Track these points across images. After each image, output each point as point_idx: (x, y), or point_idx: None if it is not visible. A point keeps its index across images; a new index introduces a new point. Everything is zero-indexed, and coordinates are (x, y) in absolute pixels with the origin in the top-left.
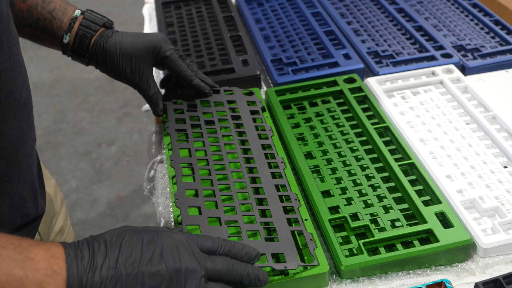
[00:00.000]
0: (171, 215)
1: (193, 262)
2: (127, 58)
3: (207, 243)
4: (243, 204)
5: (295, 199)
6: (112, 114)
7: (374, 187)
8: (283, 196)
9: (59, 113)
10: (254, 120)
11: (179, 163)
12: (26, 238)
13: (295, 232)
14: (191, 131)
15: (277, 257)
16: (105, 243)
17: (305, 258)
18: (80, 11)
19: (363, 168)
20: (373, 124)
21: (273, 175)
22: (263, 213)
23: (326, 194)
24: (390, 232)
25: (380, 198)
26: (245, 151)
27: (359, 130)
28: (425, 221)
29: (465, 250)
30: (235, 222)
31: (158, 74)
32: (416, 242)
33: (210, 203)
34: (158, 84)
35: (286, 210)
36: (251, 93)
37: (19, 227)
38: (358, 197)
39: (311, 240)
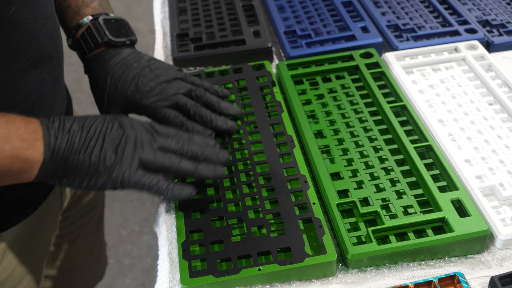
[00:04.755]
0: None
1: (148, 132)
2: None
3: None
4: (248, 196)
5: (305, 182)
6: None
7: (387, 170)
8: (291, 179)
9: (74, 82)
10: (264, 97)
11: None
12: None
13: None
14: None
15: (283, 248)
16: (74, 117)
17: (314, 244)
18: (90, 18)
19: (376, 150)
20: (389, 102)
21: (282, 156)
22: (271, 201)
23: (336, 176)
24: (402, 220)
25: (393, 182)
26: (254, 135)
27: (374, 108)
28: (439, 209)
29: (481, 241)
30: (240, 219)
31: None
32: (429, 231)
33: (214, 201)
34: None
35: (295, 195)
36: (261, 67)
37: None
38: (369, 180)
39: (320, 226)
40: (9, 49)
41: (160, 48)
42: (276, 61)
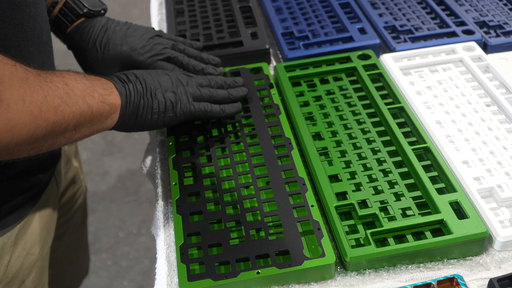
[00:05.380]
0: (170, 200)
1: (184, 75)
2: (98, 65)
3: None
4: (246, 198)
5: (303, 184)
6: None
7: (385, 172)
8: (289, 182)
9: None
10: (262, 99)
11: (182, 164)
12: None
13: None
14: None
15: (282, 251)
16: (123, 72)
17: (312, 247)
18: None
19: (374, 152)
20: (387, 104)
21: (280, 158)
22: (269, 204)
23: (334, 178)
24: (400, 222)
25: (392, 184)
26: (252, 137)
27: (372, 110)
28: (438, 211)
29: (480, 243)
30: (238, 222)
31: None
32: (428, 233)
33: (212, 204)
34: None
35: (293, 198)
36: (258, 70)
37: (35, 164)
38: (367, 182)
39: (318, 229)
40: (20, 34)
41: None
42: (273, 62)
